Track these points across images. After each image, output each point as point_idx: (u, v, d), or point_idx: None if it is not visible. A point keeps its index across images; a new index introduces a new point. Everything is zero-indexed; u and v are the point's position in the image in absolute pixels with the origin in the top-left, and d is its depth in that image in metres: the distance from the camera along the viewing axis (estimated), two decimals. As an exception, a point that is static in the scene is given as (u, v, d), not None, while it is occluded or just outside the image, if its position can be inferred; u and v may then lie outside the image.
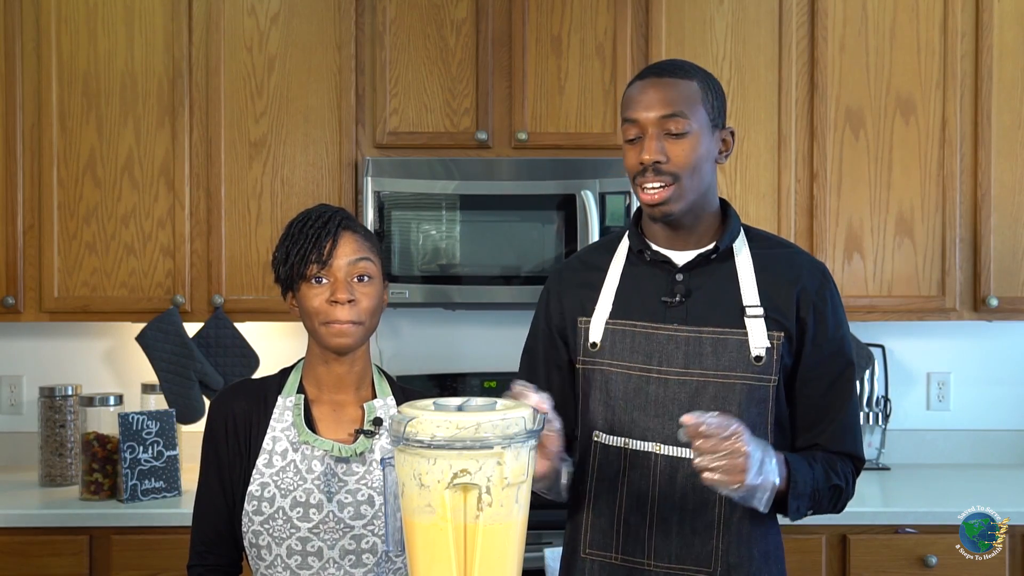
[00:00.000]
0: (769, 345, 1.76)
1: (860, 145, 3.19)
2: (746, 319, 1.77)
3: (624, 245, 1.89)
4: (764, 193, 3.19)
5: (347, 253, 1.80)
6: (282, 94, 3.16)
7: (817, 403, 1.82)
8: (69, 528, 2.83)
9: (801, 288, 1.80)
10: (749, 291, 1.79)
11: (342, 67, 3.17)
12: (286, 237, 1.83)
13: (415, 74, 3.17)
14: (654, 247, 1.84)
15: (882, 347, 3.44)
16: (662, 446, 1.77)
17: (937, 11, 3.19)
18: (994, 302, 3.16)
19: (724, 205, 1.87)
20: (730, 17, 3.19)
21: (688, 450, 1.75)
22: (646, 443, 1.78)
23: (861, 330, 3.35)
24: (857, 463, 1.85)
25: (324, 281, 1.79)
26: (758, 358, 1.75)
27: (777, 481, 1.65)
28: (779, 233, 3.14)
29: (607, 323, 1.83)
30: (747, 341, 1.76)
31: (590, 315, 1.85)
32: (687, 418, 1.57)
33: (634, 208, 2.80)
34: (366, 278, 1.81)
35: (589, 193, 3.04)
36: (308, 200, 3.12)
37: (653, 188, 1.75)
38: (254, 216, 3.16)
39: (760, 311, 1.77)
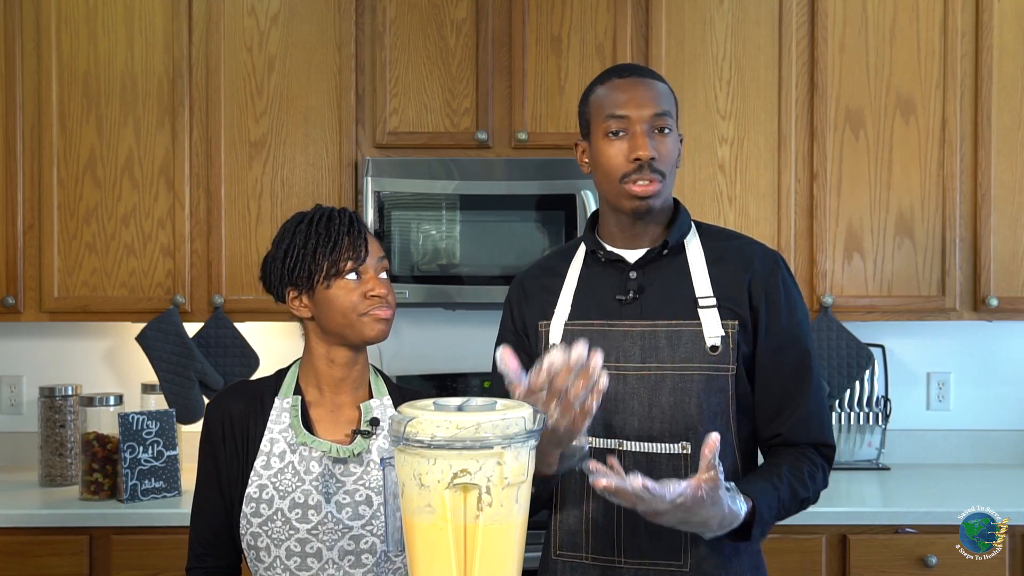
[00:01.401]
0: (724, 334, 1.77)
1: (860, 145, 3.19)
2: (699, 310, 1.79)
3: (582, 249, 1.92)
4: (764, 193, 3.19)
5: (375, 251, 1.84)
6: (282, 94, 3.16)
7: (777, 393, 1.81)
8: (69, 528, 2.83)
9: (752, 276, 1.81)
10: (701, 283, 1.81)
11: (342, 67, 3.17)
12: (308, 235, 1.81)
13: (415, 74, 3.17)
14: (607, 247, 1.86)
15: (882, 347, 3.44)
16: (624, 442, 1.78)
17: (937, 11, 3.19)
18: (994, 302, 3.16)
19: (675, 203, 1.90)
20: (730, 17, 3.19)
21: (651, 443, 1.77)
22: (608, 440, 1.79)
23: (861, 330, 3.35)
24: (825, 451, 1.83)
25: (357, 277, 1.80)
26: (713, 348, 1.77)
27: (736, 523, 1.63)
28: (779, 233, 3.16)
29: (566, 324, 1.85)
30: (701, 332, 1.78)
31: (550, 318, 1.87)
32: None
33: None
34: (385, 274, 1.85)
35: (589, 193, 3.04)
36: (308, 200, 3.12)
37: (644, 182, 1.77)
38: (254, 216, 3.16)
39: (713, 301, 1.79)
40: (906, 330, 3.49)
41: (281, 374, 1.91)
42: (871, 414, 3.44)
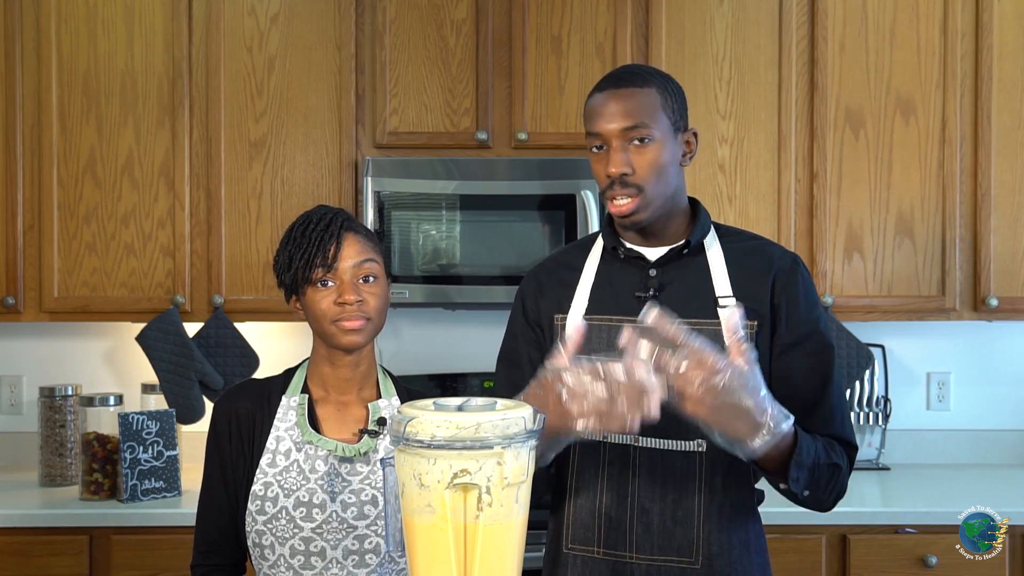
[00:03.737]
0: (743, 334, 1.76)
1: (860, 145, 3.19)
2: (719, 310, 1.79)
3: (599, 244, 1.92)
4: (764, 193, 3.19)
5: (351, 255, 1.80)
6: (282, 94, 3.16)
7: (799, 387, 1.80)
8: (69, 528, 2.83)
9: (774, 275, 1.82)
10: (721, 283, 1.81)
11: (342, 67, 3.17)
12: (288, 241, 1.84)
13: (415, 74, 3.17)
14: (627, 244, 1.86)
15: (882, 347, 3.44)
16: (640, 438, 1.78)
17: (937, 11, 3.19)
18: (994, 302, 3.16)
19: (694, 203, 1.90)
20: (730, 17, 3.19)
21: (665, 440, 1.76)
22: (624, 436, 1.79)
23: (861, 330, 3.35)
24: (849, 450, 1.82)
25: (330, 284, 1.80)
26: None
27: (785, 427, 1.56)
28: (779, 233, 3.15)
29: (583, 319, 1.84)
30: (721, 331, 1.77)
31: (566, 312, 1.87)
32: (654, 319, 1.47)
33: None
34: (371, 278, 1.82)
35: (589, 193, 3.04)
36: (308, 200, 3.12)
37: (621, 201, 1.77)
38: (254, 216, 3.16)
39: (733, 301, 1.79)
40: (906, 330, 3.49)
41: (289, 373, 1.92)
42: (871, 414, 3.44)
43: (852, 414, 3.43)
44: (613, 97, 1.78)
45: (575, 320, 1.84)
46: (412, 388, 1.94)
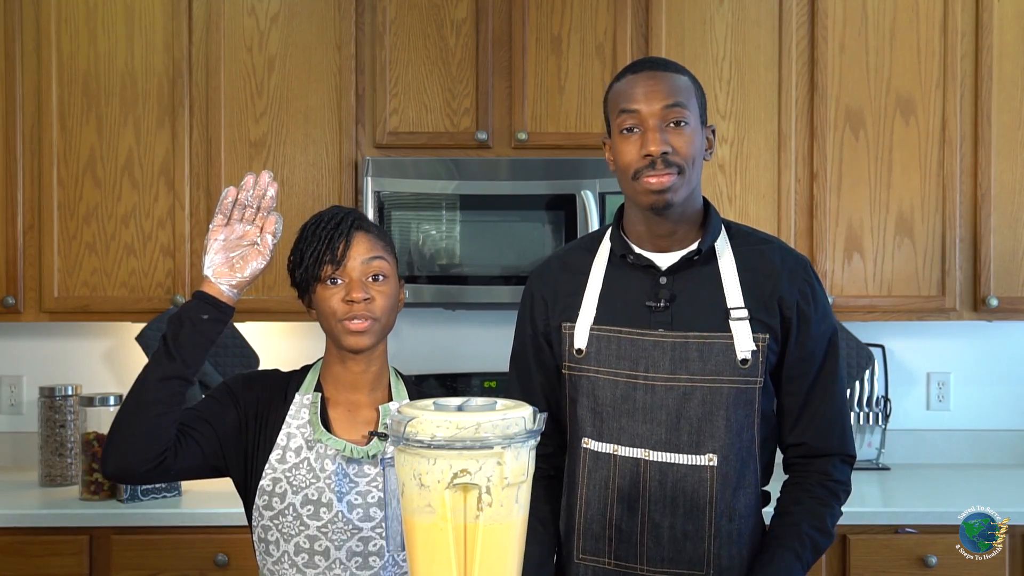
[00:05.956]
0: (755, 347, 1.75)
1: (860, 145, 3.19)
2: (731, 322, 1.77)
3: (605, 246, 1.88)
4: (764, 193, 3.19)
5: (361, 253, 1.80)
6: (282, 94, 3.16)
7: (802, 399, 1.82)
8: (69, 528, 2.83)
9: (784, 286, 1.79)
10: (733, 293, 1.79)
11: (342, 67, 3.17)
12: (300, 240, 1.84)
13: (415, 74, 3.17)
14: (637, 250, 1.83)
15: (882, 347, 3.44)
16: (651, 452, 1.77)
17: (937, 11, 3.19)
18: (994, 302, 3.16)
19: (705, 203, 1.87)
20: (730, 17, 3.19)
21: (676, 454, 1.76)
22: (635, 449, 1.78)
23: (861, 330, 3.35)
24: (847, 459, 1.84)
25: (339, 281, 1.80)
26: (744, 361, 1.75)
27: None
28: (779, 233, 3.15)
29: (592, 329, 1.82)
30: (733, 344, 1.76)
31: (574, 320, 1.84)
32: None
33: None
34: (381, 277, 1.81)
35: (589, 193, 3.04)
36: (308, 200, 3.13)
37: (661, 175, 1.72)
38: (254, 216, 3.16)
39: (745, 313, 1.77)
40: (906, 330, 3.49)
41: (306, 369, 1.92)
42: (871, 414, 3.44)
43: (852, 414, 3.43)
44: (653, 77, 1.76)
45: (583, 330, 1.83)
46: (424, 390, 1.93)
